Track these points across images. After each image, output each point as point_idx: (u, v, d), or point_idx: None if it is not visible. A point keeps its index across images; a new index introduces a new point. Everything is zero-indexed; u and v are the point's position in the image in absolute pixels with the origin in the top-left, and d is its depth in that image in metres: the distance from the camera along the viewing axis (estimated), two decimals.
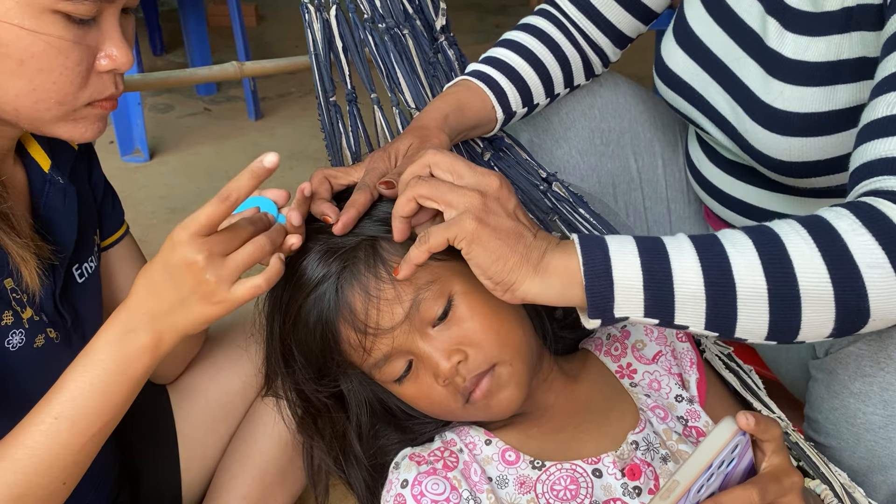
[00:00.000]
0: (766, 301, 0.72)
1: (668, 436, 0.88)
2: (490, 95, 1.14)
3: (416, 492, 0.82)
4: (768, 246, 0.73)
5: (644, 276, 0.73)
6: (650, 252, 0.74)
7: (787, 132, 1.01)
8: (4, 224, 0.82)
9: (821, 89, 0.98)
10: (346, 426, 0.92)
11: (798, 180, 1.04)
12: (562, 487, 0.83)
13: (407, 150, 0.98)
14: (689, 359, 0.94)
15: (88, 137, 0.84)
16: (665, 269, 0.73)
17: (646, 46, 1.68)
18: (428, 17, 1.34)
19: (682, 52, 1.15)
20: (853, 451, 0.90)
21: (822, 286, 0.71)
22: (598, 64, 1.27)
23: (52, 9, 0.74)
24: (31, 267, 0.83)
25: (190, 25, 3.02)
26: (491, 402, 0.85)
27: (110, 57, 0.80)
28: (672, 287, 0.73)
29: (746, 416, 0.64)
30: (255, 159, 0.76)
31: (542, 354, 0.92)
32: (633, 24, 1.24)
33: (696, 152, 1.24)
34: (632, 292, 0.73)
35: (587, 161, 1.30)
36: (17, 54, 0.75)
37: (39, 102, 0.78)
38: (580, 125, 1.30)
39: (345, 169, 0.97)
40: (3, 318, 0.83)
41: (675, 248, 0.74)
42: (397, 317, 0.83)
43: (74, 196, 0.93)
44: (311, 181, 0.92)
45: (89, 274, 0.96)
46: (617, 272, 0.73)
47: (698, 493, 0.63)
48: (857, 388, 0.87)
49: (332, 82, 1.23)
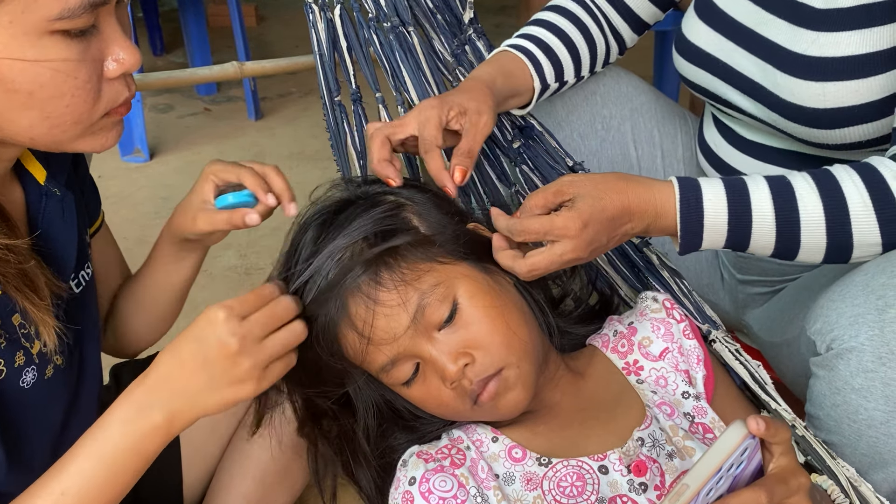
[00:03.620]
0: (824, 237, 0.90)
1: (675, 432, 0.88)
2: (529, 65, 1.19)
3: (423, 489, 0.82)
4: (829, 189, 0.89)
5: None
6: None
7: (821, 77, 1.02)
8: (24, 285, 0.79)
9: (855, 32, 1.00)
10: (353, 427, 0.92)
11: (829, 132, 1.05)
12: (568, 484, 0.84)
13: (459, 109, 1.03)
14: (697, 356, 0.94)
15: (109, 145, 0.82)
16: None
17: (646, 46, 1.68)
18: (455, 10, 1.35)
19: (705, 26, 1.16)
20: (855, 447, 0.90)
21: (872, 233, 0.89)
22: (615, 50, 1.30)
23: (49, 31, 0.71)
24: (49, 327, 0.81)
25: (190, 25, 3.02)
26: (498, 404, 0.86)
27: (118, 60, 0.77)
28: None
29: (757, 421, 0.65)
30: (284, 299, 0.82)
31: (548, 352, 0.92)
32: (651, 9, 1.28)
33: (713, 135, 1.25)
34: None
35: (588, 145, 1.31)
36: (25, 88, 0.72)
37: (55, 128, 0.76)
38: (582, 109, 1.32)
39: (397, 122, 1.02)
40: (16, 359, 0.81)
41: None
42: (402, 322, 0.84)
43: (73, 205, 0.91)
44: (373, 143, 0.97)
45: (86, 282, 0.95)
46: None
47: (707, 496, 0.64)
48: (858, 384, 0.87)
49: (336, 82, 1.23)
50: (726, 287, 1.33)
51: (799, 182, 0.91)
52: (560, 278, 1.02)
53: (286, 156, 2.70)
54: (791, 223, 0.90)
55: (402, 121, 1.02)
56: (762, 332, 1.23)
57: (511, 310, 0.87)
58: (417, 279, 0.85)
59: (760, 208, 0.91)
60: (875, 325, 0.85)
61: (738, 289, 1.30)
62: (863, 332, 0.86)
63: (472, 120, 1.03)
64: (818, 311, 0.92)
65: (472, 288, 0.86)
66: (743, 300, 1.30)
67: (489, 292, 0.87)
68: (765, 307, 1.24)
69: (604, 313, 1.03)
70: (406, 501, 0.83)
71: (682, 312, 0.98)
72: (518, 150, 1.21)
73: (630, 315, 0.99)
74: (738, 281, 1.29)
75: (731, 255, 1.27)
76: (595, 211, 0.88)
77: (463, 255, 0.89)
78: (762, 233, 0.91)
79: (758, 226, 0.91)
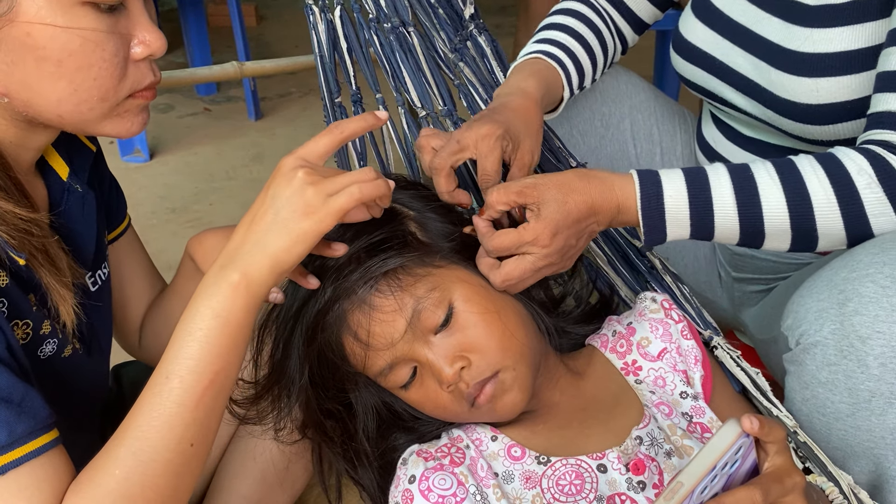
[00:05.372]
0: (788, 232, 0.91)
1: (673, 431, 0.88)
2: (562, 75, 1.18)
3: (423, 487, 0.83)
4: (793, 185, 0.90)
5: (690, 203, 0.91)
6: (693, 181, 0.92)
7: (815, 73, 1.03)
8: (46, 261, 0.80)
9: (847, 28, 1.01)
10: (355, 427, 0.93)
11: (823, 128, 1.05)
12: (567, 482, 0.84)
13: (514, 143, 1.00)
14: (695, 356, 0.95)
15: (135, 131, 0.83)
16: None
17: (646, 45, 1.69)
18: (455, 6, 1.35)
19: (702, 25, 1.17)
20: (827, 441, 0.91)
21: (836, 228, 0.89)
22: (619, 50, 1.31)
23: (80, 1, 0.73)
24: (68, 305, 0.81)
25: (190, 25, 3.02)
26: (496, 406, 0.86)
27: (144, 43, 0.79)
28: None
29: (751, 420, 0.65)
30: (369, 113, 0.82)
31: (546, 353, 0.93)
32: (651, 9, 1.29)
33: (712, 132, 1.26)
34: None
35: (587, 142, 1.32)
36: (54, 55, 0.74)
37: (82, 103, 0.77)
38: (581, 105, 1.32)
39: (456, 148, 0.96)
40: (43, 327, 0.82)
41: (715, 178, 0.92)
42: (399, 327, 0.85)
43: (93, 202, 0.92)
44: (439, 176, 0.94)
45: (102, 282, 0.96)
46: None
47: (702, 494, 0.64)
48: (824, 378, 0.88)
49: (336, 83, 1.24)
50: (724, 285, 1.34)
51: (762, 175, 0.91)
52: (561, 277, 1.03)
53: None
54: (754, 218, 0.91)
55: (461, 145, 0.96)
56: (756, 330, 1.24)
57: (507, 312, 0.87)
58: (413, 285, 0.85)
59: (722, 203, 0.91)
60: (836, 318, 0.86)
61: (735, 287, 1.30)
62: (826, 327, 0.87)
63: (525, 160, 1.00)
64: (789, 307, 0.93)
65: (468, 292, 0.87)
66: (739, 298, 1.30)
67: (485, 295, 0.87)
68: (759, 305, 1.25)
69: (603, 313, 1.03)
70: (406, 499, 0.83)
71: (679, 313, 0.98)
72: None
73: (629, 315, 0.99)
74: (734, 279, 1.30)
75: (727, 254, 1.28)
76: (561, 216, 0.88)
77: (459, 259, 0.90)
78: (725, 225, 0.92)
79: (720, 219, 0.91)
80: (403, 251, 0.87)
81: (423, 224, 0.91)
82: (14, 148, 0.82)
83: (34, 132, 0.82)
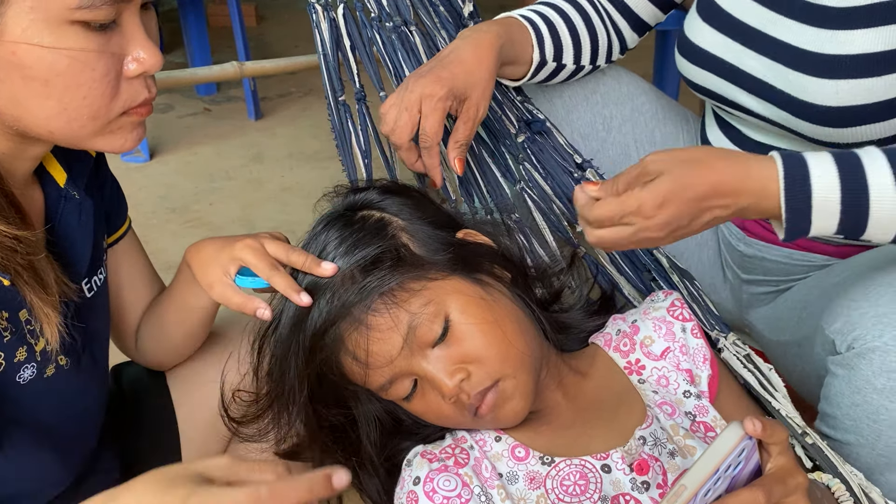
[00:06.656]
0: None
1: (676, 431, 0.88)
2: (533, 36, 1.19)
3: (428, 489, 0.83)
4: None
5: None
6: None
7: (836, 75, 1.01)
8: (32, 279, 0.78)
9: (871, 30, 0.99)
10: (359, 436, 0.92)
11: (840, 131, 1.04)
12: (571, 483, 0.84)
13: (461, 98, 1.01)
14: (703, 355, 0.94)
15: (129, 147, 0.81)
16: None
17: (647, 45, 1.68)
18: (455, 4, 1.35)
19: (709, 28, 1.15)
20: (872, 447, 0.90)
21: None
22: (616, 48, 1.30)
23: (69, 20, 0.71)
24: (52, 324, 0.80)
25: (190, 25, 3.02)
26: (498, 415, 0.86)
27: (138, 60, 0.77)
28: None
29: (753, 422, 0.65)
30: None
31: (547, 356, 0.92)
32: (651, 10, 1.28)
33: (716, 135, 1.25)
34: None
35: (589, 145, 1.31)
36: (41, 75, 0.72)
37: (73, 121, 0.76)
38: (583, 108, 1.32)
39: (405, 118, 0.99)
40: (17, 355, 0.81)
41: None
42: (396, 344, 0.84)
43: (91, 210, 0.91)
44: (401, 150, 0.98)
45: (98, 287, 0.94)
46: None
47: (705, 497, 0.64)
48: (881, 384, 0.87)
49: (340, 82, 1.24)
50: (729, 286, 1.33)
51: None
52: (562, 273, 1.02)
53: (286, 156, 2.70)
54: None
55: (409, 112, 0.99)
56: (767, 331, 1.23)
57: (504, 320, 0.86)
58: (407, 300, 0.84)
59: (880, 183, 0.81)
60: None
61: (743, 288, 1.29)
62: (887, 332, 0.85)
63: (470, 113, 1.02)
64: (838, 310, 0.91)
65: (463, 303, 0.85)
66: (747, 300, 1.30)
67: (481, 305, 0.86)
68: (771, 306, 1.24)
69: (604, 310, 1.03)
70: (411, 501, 0.83)
71: (689, 312, 0.97)
72: (522, 145, 1.21)
73: (633, 314, 0.99)
74: (742, 280, 1.29)
75: (736, 255, 1.27)
76: (676, 189, 0.81)
77: (455, 270, 0.88)
78: (882, 218, 0.81)
79: (877, 208, 0.81)
80: (398, 268, 0.85)
81: (416, 235, 0.90)
82: (9, 160, 0.81)
83: (28, 144, 0.81)
